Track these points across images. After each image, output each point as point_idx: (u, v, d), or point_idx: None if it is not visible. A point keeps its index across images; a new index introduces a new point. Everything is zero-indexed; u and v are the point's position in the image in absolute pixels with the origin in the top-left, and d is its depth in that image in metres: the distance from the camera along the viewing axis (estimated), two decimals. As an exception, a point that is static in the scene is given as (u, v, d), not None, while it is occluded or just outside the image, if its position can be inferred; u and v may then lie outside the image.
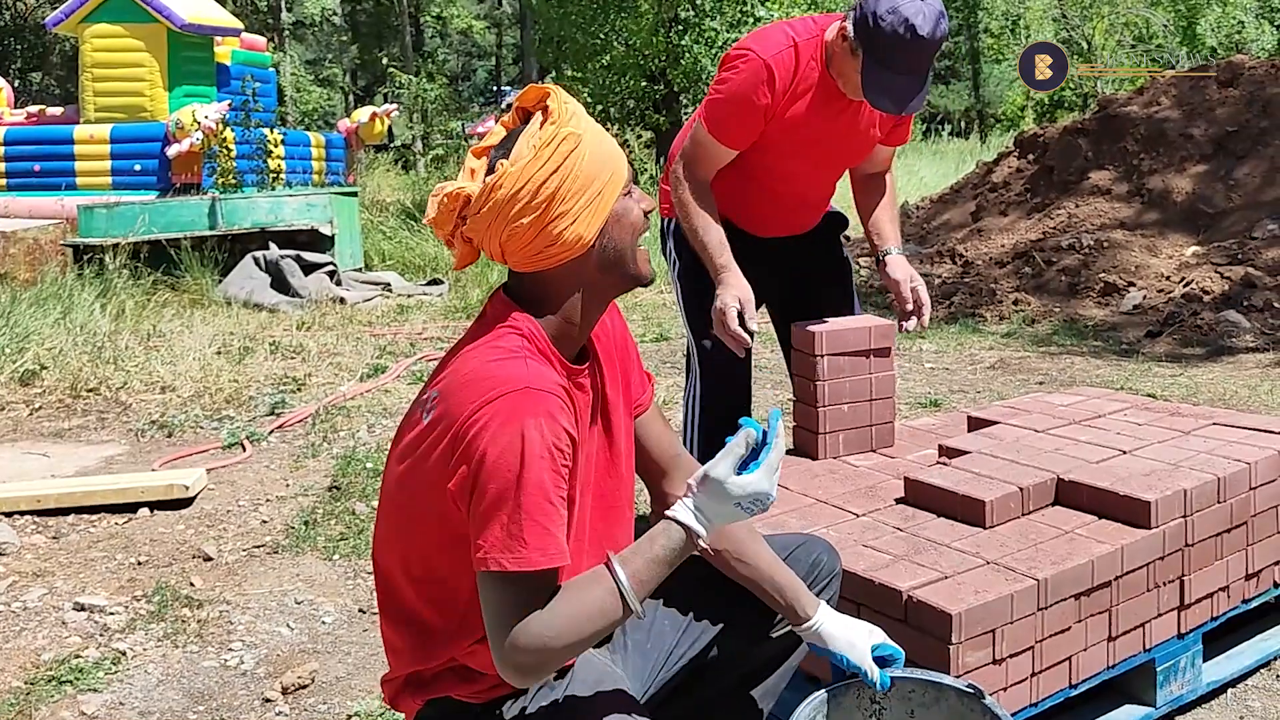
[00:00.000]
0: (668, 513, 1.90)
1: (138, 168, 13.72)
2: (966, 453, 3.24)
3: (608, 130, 13.64)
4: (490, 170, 1.90)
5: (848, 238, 3.76)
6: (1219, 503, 2.98)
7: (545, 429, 1.78)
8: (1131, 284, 8.92)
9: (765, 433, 1.93)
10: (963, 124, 37.68)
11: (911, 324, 3.46)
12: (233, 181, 12.78)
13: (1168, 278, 8.99)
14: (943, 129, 32.32)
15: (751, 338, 3.21)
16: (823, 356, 3.40)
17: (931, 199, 13.23)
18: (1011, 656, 2.60)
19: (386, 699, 2.07)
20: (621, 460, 2.12)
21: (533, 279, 1.95)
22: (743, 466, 1.91)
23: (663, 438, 2.29)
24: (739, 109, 3.27)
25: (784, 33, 3.30)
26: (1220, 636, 3.15)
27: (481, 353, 1.89)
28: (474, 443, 1.78)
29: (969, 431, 3.67)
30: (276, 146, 14.06)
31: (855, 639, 2.18)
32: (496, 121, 2.00)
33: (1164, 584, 2.87)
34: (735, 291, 3.23)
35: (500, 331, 1.91)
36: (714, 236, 3.33)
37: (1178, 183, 10.17)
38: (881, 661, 2.21)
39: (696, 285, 3.52)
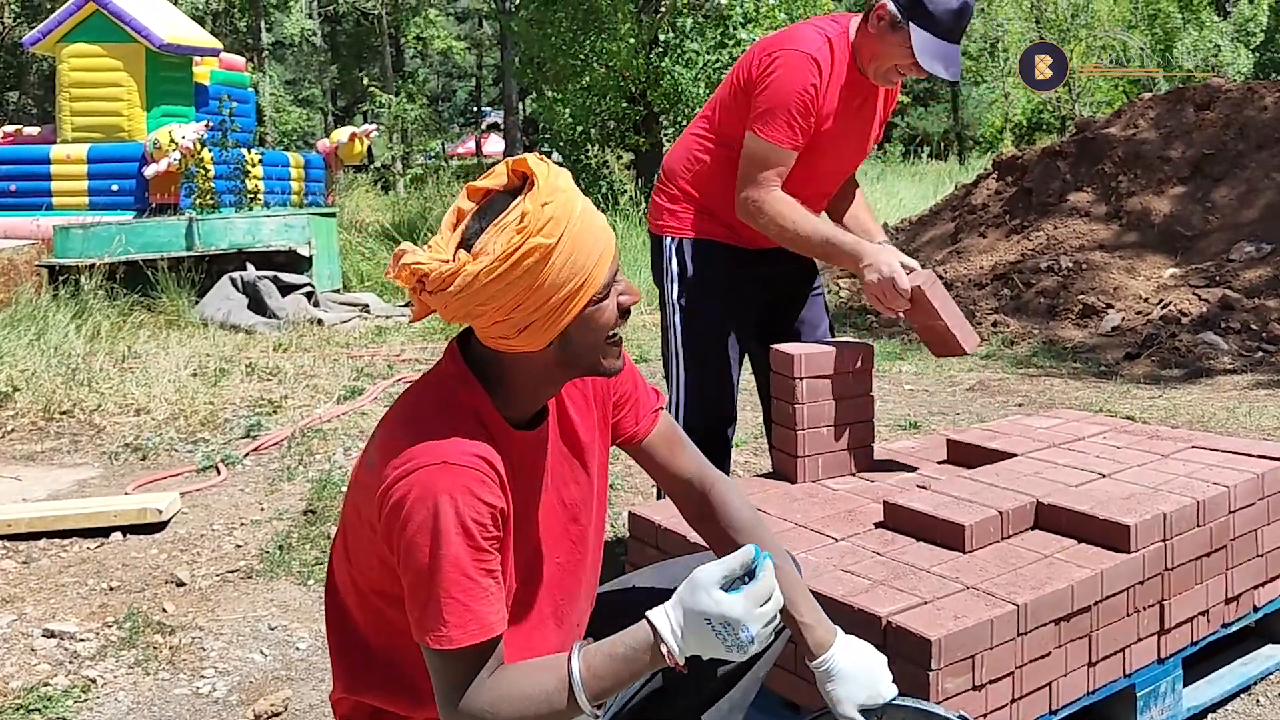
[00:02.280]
0: (649, 612, 1.83)
1: (115, 188, 13.68)
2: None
3: (587, 151, 13.55)
4: (462, 245, 1.80)
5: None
6: (1198, 526, 2.97)
7: (462, 504, 1.75)
8: (1110, 305, 8.94)
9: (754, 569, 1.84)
10: (942, 146, 37.87)
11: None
12: (210, 202, 12.74)
13: (1146, 299, 9.01)
14: (922, 151, 32.49)
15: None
16: (801, 379, 3.38)
17: (910, 220, 13.26)
18: (991, 682, 2.57)
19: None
20: (596, 499, 2.11)
21: (490, 349, 1.89)
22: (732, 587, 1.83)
23: (680, 454, 2.26)
24: (797, 108, 3.26)
25: (814, 28, 3.34)
26: (1200, 661, 3.13)
27: (415, 413, 1.86)
28: (392, 516, 1.77)
29: (948, 455, 3.66)
30: (255, 167, 14.02)
31: (847, 697, 2.12)
32: (476, 146, 1.95)
33: (1144, 608, 2.85)
34: (891, 254, 3.33)
35: (442, 394, 1.88)
36: (828, 230, 3.40)
37: (1156, 204, 10.21)
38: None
39: (697, 305, 3.52)
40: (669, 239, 3.57)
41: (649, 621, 1.80)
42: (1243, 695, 3.16)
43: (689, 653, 1.80)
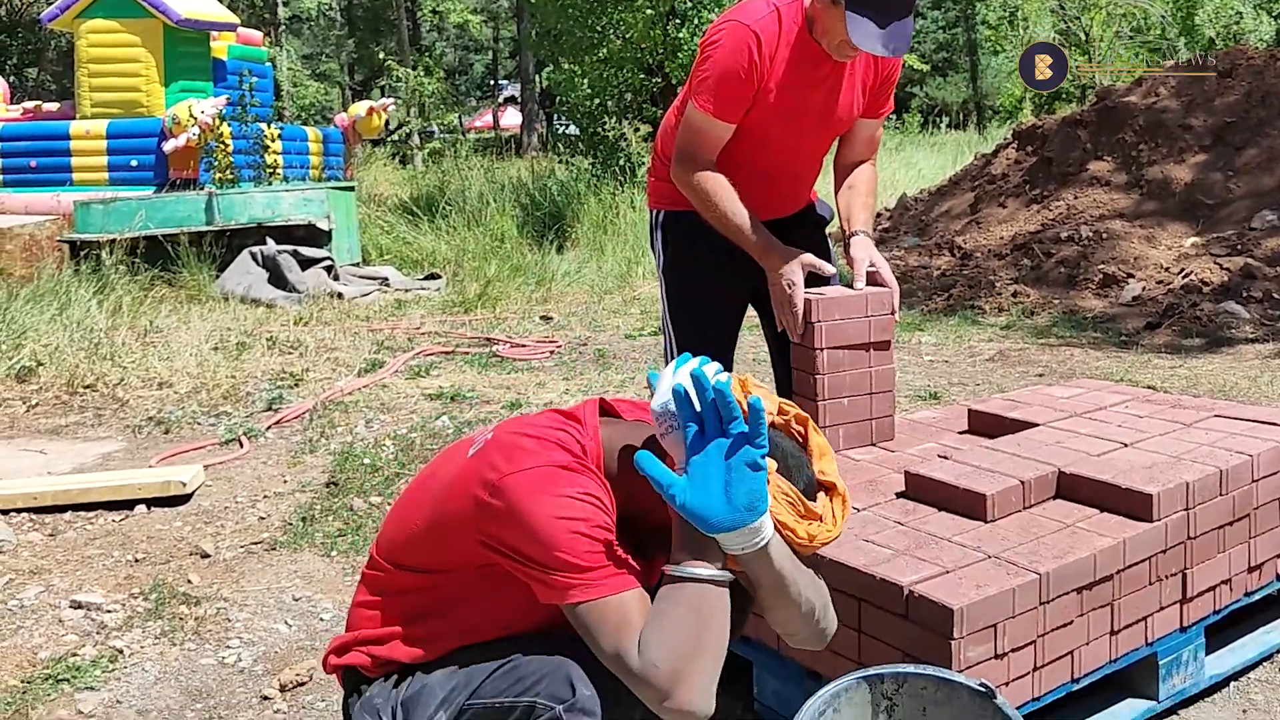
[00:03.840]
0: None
1: (134, 163, 13.68)
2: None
3: (604, 123, 13.50)
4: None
5: (831, 234, 3.73)
6: (1221, 495, 2.96)
7: (580, 490, 1.85)
8: (1130, 275, 8.90)
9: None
10: (961, 116, 37.61)
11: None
12: (230, 177, 12.74)
13: (1167, 269, 8.97)
14: (940, 121, 32.30)
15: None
16: (822, 350, 3.37)
17: (930, 191, 13.20)
18: (1013, 651, 2.58)
19: (323, 659, 2.19)
20: None
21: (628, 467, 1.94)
22: None
23: None
24: (731, 79, 3.21)
25: (764, 1, 3.27)
26: (1223, 630, 3.13)
27: (532, 428, 1.95)
28: (508, 504, 1.85)
29: (970, 425, 3.66)
30: (273, 141, 14.01)
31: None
32: (494, 119, 1.96)
33: (1166, 577, 2.85)
34: (798, 264, 3.27)
35: (584, 469, 1.92)
36: (745, 219, 3.31)
37: (1177, 173, 10.15)
38: None
39: (684, 279, 3.52)
40: (654, 212, 3.58)
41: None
42: (1265, 663, 3.17)
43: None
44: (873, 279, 3.42)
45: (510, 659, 1.96)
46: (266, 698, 3.19)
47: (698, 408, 1.84)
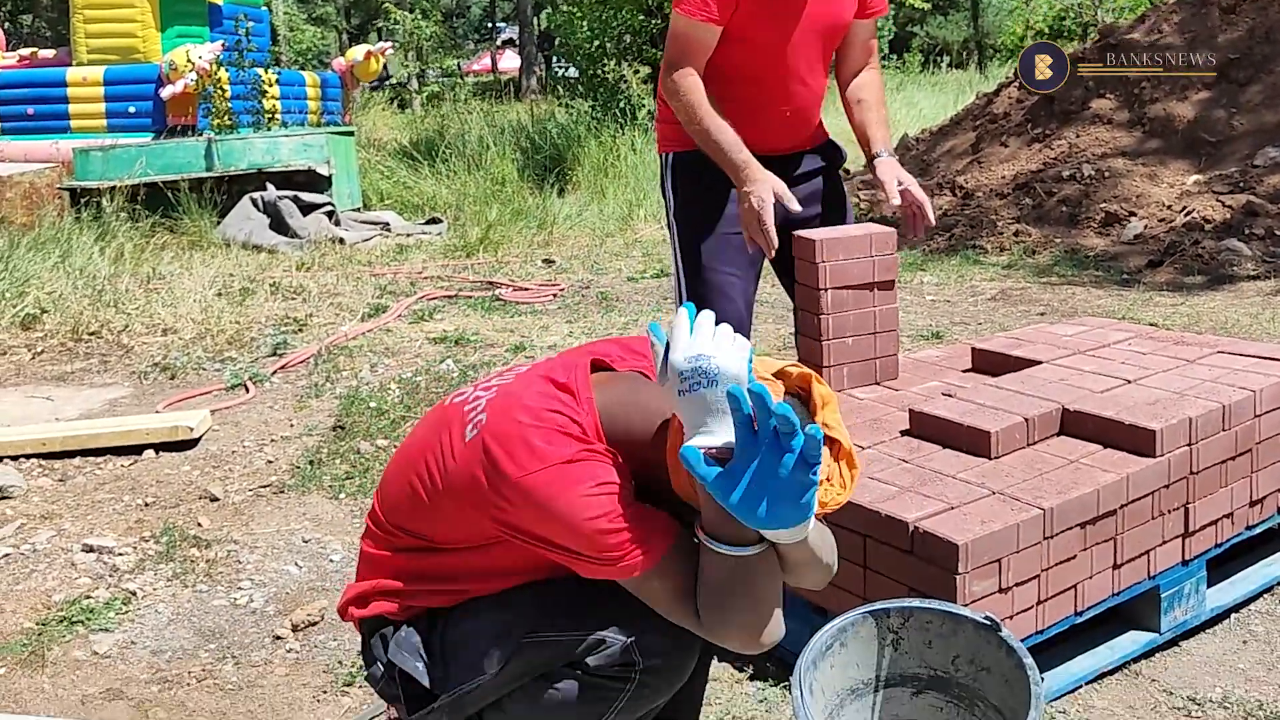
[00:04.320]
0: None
1: (132, 110, 13.61)
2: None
3: (604, 65, 13.45)
4: None
5: (847, 171, 3.72)
6: (1224, 430, 2.99)
7: (593, 489, 1.82)
8: (1132, 213, 8.88)
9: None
10: (962, 55, 37.37)
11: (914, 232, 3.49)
12: (228, 123, 12.68)
13: (1169, 206, 8.95)
14: (941, 60, 32.09)
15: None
16: (826, 290, 3.38)
17: (931, 131, 13.14)
18: (1017, 585, 2.62)
19: (339, 608, 2.17)
20: None
21: (637, 428, 1.93)
22: None
23: None
24: None
25: None
26: (1224, 563, 3.17)
27: (549, 438, 1.87)
28: (531, 497, 1.83)
29: (973, 364, 3.68)
30: (271, 87, 13.94)
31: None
32: (492, 62, 1.91)
33: (1169, 512, 2.88)
34: (768, 184, 3.21)
35: (554, 399, 1.91)
36: (728, 135, 3.27)
37: (1179, 110, 10.10)
38: None
39: (695, 220, 3.49)
40: (664, 157, 3.56)
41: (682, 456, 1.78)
42: (1266, 595, 3.20)
43: (703, 437, 1.76)
44: (904, 198, 3.41)
45: (569, 593, 1.95)
46: (279, 637, 3.23)
47: (755, 424, 1.73)
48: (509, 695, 1.99)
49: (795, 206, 3.24)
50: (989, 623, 2.27)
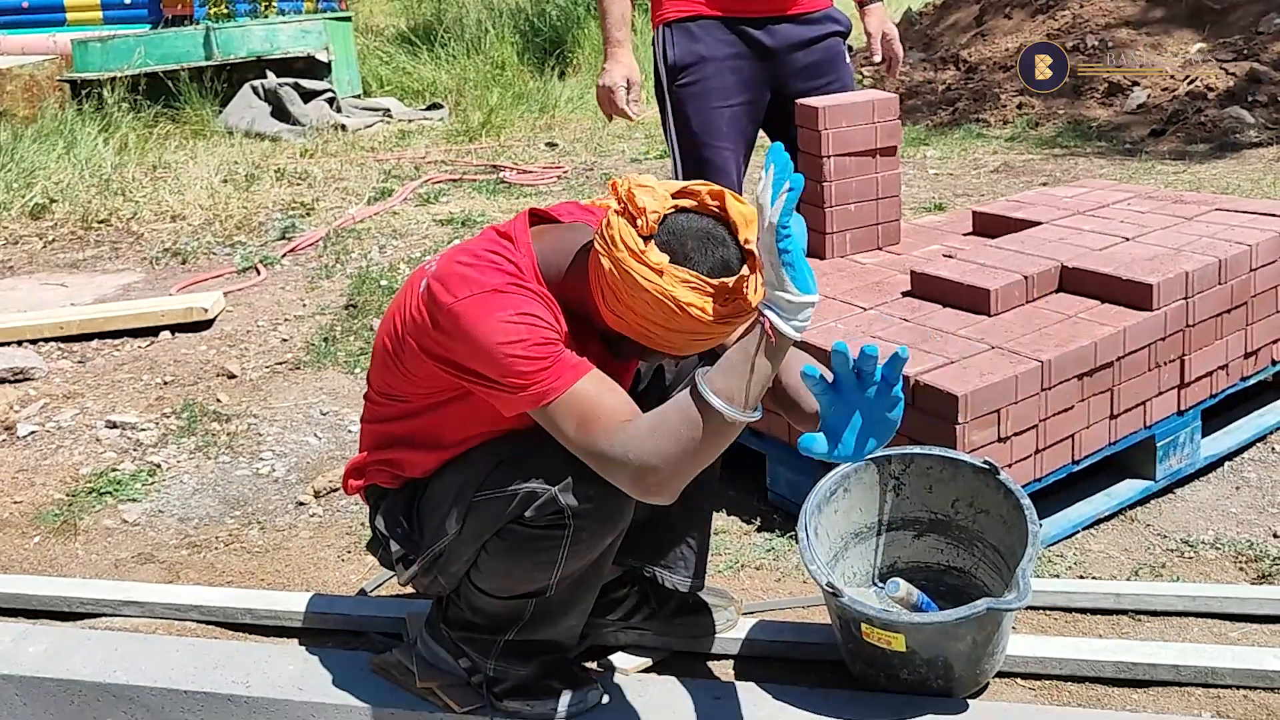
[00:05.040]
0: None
1: (127, 1, 13.49)
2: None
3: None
4: (664, 239, 1.88)
5: (850, 47, 3.74)
6: (1220, 284, 3.05)
7: (525, 307, 1.92)
8: (1136, 83, 8.84)
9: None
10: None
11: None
12: (225, 11, 12.57)
13: (1172, 75, 8.90)
14: (945, -65, 31.52)
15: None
16: (829, 157, 3.43)
17: (935, 5, 12.99)
18: (1016, 435, 2.70)
19: (343, 482, 2.35)
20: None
21: (576, 270, 2.00)
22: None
23: None
24: None
25: None
26: (1219, 413, 3.25)
27: (483, 271, 1.97)
28: (457, 323, 1.93)
29: (974, 227, 3.73)
30: (267, -27, 13.79)
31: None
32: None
33: (1165, 363, 2.96)
34: (623, 70, 3.52)
35: (517, 286, 1.96)
36: (616, 9, 3.53)
37: (1185, -22, 9.99)
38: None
39: (686, 94, 3.52)
40: (656, 31, 3.60)
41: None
42: (1259, 444, 3.29)
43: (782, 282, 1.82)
44: (886, 49, 3.73)
45: (513, 449, 2.06)
46: (301, 503, 3.34)
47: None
48: (481, 550, 2.11)
49: (634, 112, 3.55)
50: (987, 466, 2.36)
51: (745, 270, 1.89)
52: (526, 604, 2.16)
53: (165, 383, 4.27)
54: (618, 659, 2.43)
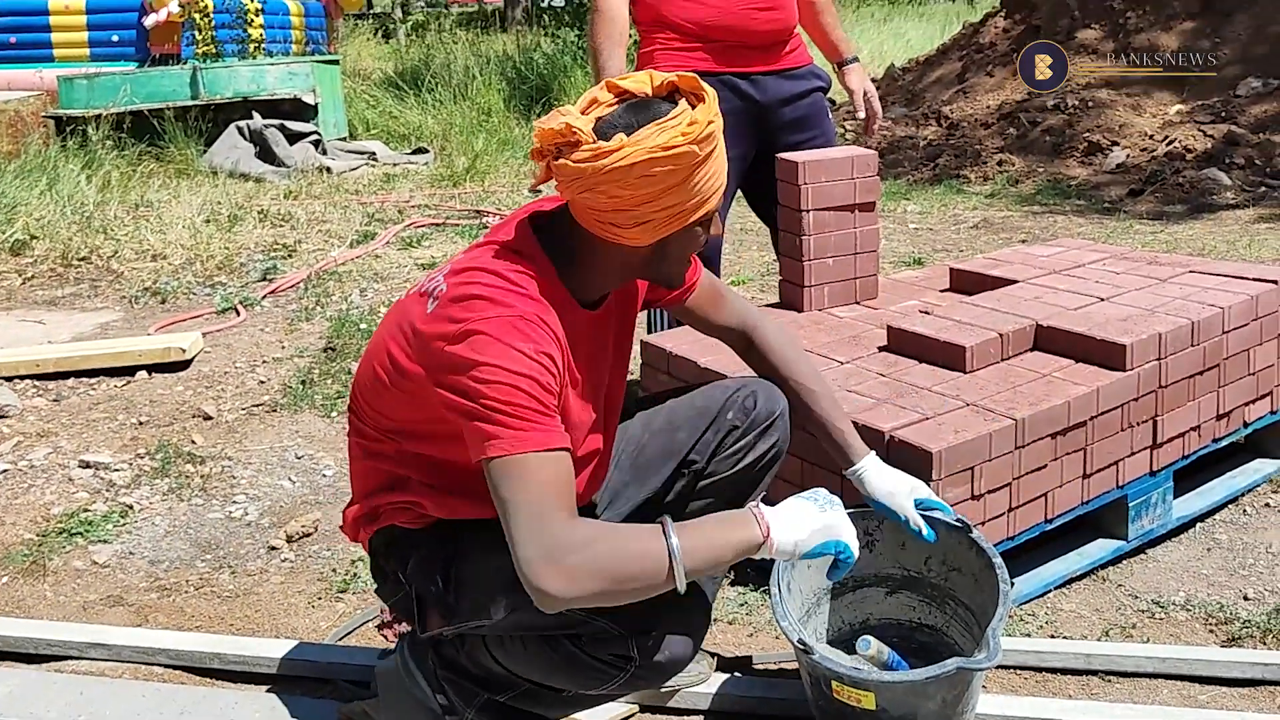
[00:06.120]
0: (755, 507, 1.94)
1: (115, 38, 13.54)
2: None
3: None
4: (600, 134, 1.86)
5: (833, 101, 3.82)
6: (1192, 346, 3.07)
7: (532, 350, 1.84)
8: (1115, 143, 8.93)
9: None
10: (950, -14, 37.07)
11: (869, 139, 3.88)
12: (213, 51, 12.62)
13: (1151, 136, 9.00)
14: (930, -9, 31.82)
15: None
16: (808, 212, 3.45)
17: (918, 61, 13.13)
18: (990, 493, 2.71)
19: (343, 525, 2.25)
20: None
21: (579, 231, 1.97)
22: None
23: (721, 308, 2.39)
24: None
25: None
26: (1191, 474, 3.26)
27: (493, 279, 1.91)
28: (463, 353, 1.83)
29: (951, 283, 3.76)
30: (256, 15, 13.86)
31: (895, 489, 2.29)
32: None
33: (1138, 424, 2.97)
34: None
35: (516, 271, 1.93)
36: (614, 65, 3.57)
37: (1164, 40, 10.12)
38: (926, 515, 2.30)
39: None
40: None
41: (760, 520, 1.91)
42: (1230, 506, 3.30)
43: (787, 533, 1.92)
44: (867, 108, 3.84)
45: None
46: (274, 548, 3.32)
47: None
48: (511, 637, 2.05)
49: None
50: (960, 524, 2.36)
51: (684, 105, 1.87)
52: (533, 686, 2.12)
53: (140, 423, 4.25)
54: (591, 713, 2.42)
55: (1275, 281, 3.33)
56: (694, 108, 1.88)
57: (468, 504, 2.03)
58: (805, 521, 1.95)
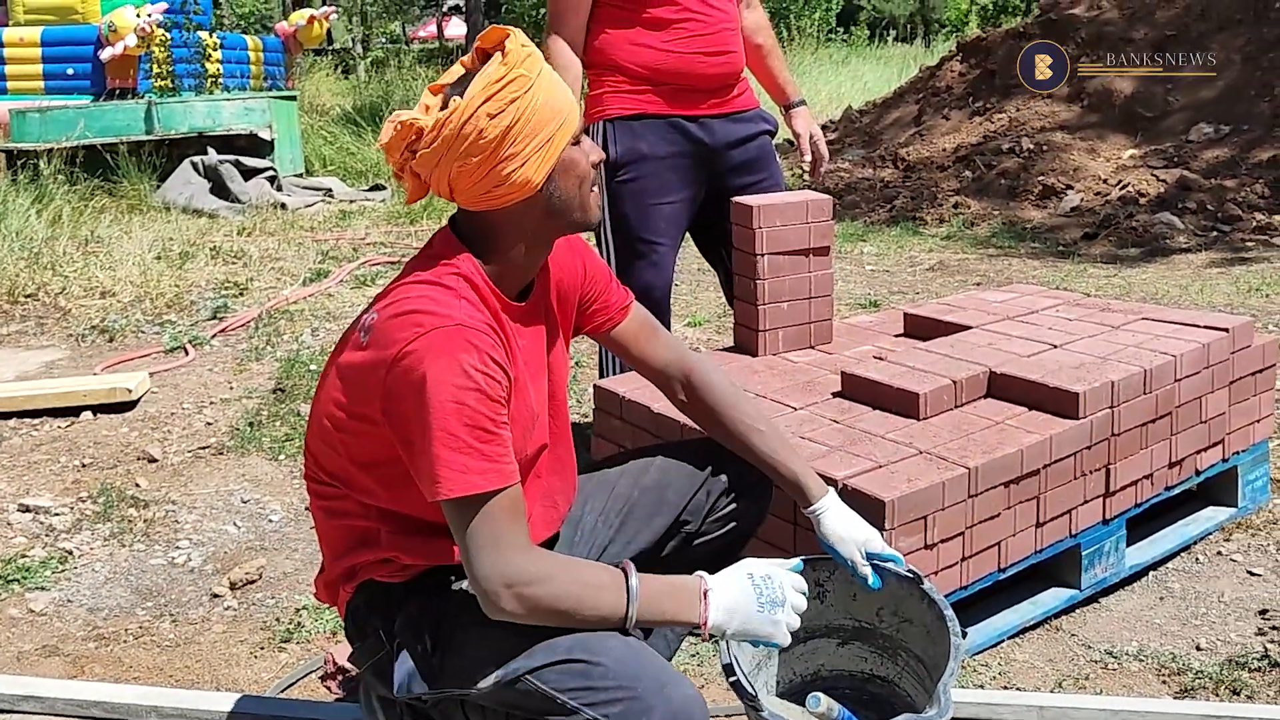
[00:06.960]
0: (706, 576, 1.94)
1: (70, 71, 13.44)
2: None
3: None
4: (444, 106, 1.89)
5: (777, 147, 3.83)
6: (1145, 394, 3.07)
7: (477, 362, 1.80)
8: (1070, 186, 9.01)
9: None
10: (908, 29, 37.53)
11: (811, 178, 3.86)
12: (169, 85, 12.55)
13: (1105, 180, 9.08)
14: (888, 34, 32.21)
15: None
16: (762, 256, 3.44)
17: (875, 103, 13.23)
18: (943, 542, 2.68)
19: (318, 594, 2.15)
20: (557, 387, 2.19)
21: (479, 218, 1.97)
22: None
23: (656, 343, 2.35)
24: None
25: None
26: (1144, 523, 3.25)
27: (421, 288, 1.90)
28: (407, 376, 1.79)
29: (905, 328, 3.75)
30: (214, 50, 13.80)
31: (847, 536, 2.25)
32: (438, 29, 1.96)
33: (1090, 472, 2.96)
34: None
35: (441, 270, 1.93)
36: None
37: (1118, 85, 10.24)
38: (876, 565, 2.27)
39: (626, 189, 3.55)
40: (594, 125, 3.58)
41: (706, 593, 1.91)
42: (1183, 554, 3.29)
43: (722, 620, 1.93)
44: (813, 151, 3.82)
45: (585, 655, 1.85)
46: (217, 595, 3.25)
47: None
48: (504, 714, 1.98)
49: None
50: (911, 575, 2.33)
51: (495, 57, 1.89)
52: None
53: (83, 465, 4.17)
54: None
55: (1226, 330, 3.34)
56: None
57: (444, 544, 1.96)
58: (738, 614, 1.94)
